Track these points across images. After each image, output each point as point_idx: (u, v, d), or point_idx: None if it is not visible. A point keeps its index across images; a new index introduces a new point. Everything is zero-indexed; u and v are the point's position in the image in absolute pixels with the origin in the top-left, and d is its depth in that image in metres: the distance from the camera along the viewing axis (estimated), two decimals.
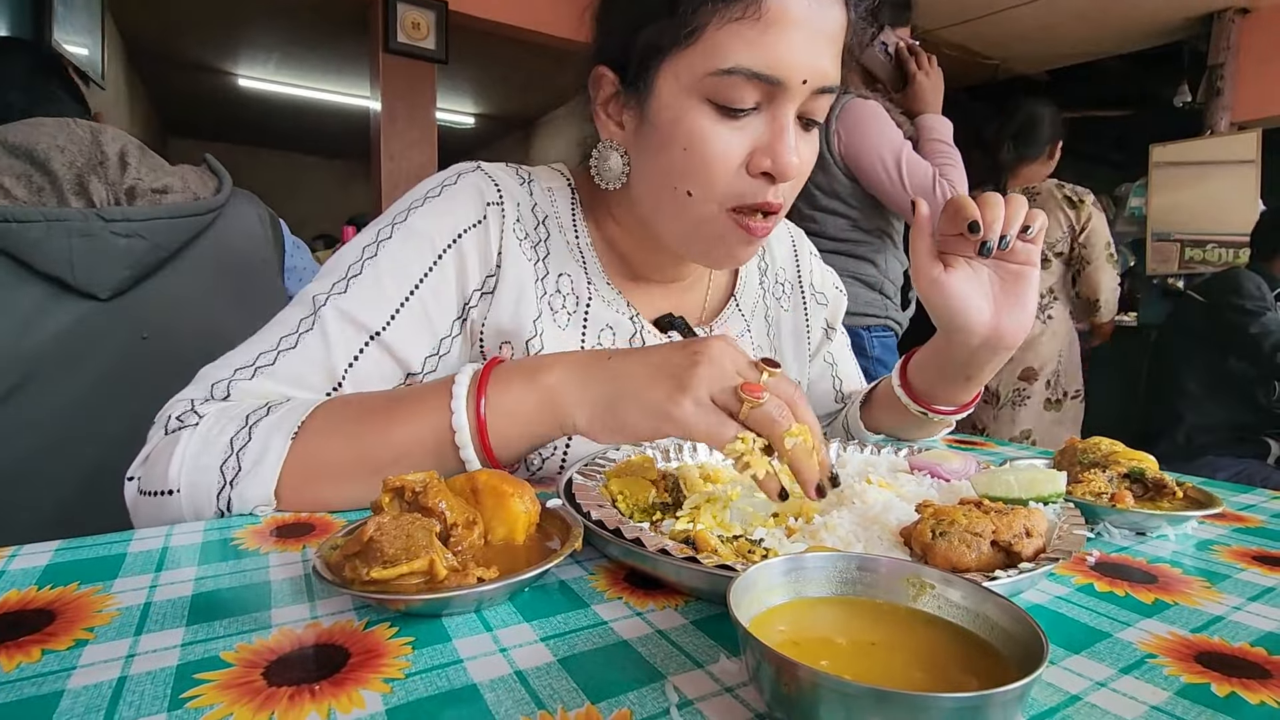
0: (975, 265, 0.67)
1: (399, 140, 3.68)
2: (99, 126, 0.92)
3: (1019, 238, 0.64)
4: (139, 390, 0.90)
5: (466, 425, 0.52)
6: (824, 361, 0.94)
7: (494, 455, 0.54)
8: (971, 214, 0.62)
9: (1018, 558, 0.40)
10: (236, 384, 0.58)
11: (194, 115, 6.91)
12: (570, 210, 0.74)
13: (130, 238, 0.88)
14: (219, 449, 0.52)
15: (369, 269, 0.63)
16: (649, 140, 0.63)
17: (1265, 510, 0.63)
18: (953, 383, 0.75)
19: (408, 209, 0.67)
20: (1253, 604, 0.42)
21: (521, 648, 0.34)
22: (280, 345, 0.60)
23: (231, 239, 1.04)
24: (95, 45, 3.28)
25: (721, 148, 0.59)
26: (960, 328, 0.68)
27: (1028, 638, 0.28)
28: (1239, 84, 3.86)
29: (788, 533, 0.47)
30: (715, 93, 0.58)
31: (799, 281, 0.92)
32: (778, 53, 0.56)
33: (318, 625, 0.35)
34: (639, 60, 0.62)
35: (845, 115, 1.62)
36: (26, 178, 0.85)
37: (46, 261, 0.83)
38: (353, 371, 0.61)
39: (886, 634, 0.31)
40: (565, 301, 0.71)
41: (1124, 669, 0.34)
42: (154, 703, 0.29)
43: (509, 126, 7.44)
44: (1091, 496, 0.56)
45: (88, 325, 0.87)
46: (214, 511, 0.52)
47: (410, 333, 0.63)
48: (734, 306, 0.83)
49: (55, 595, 0.38)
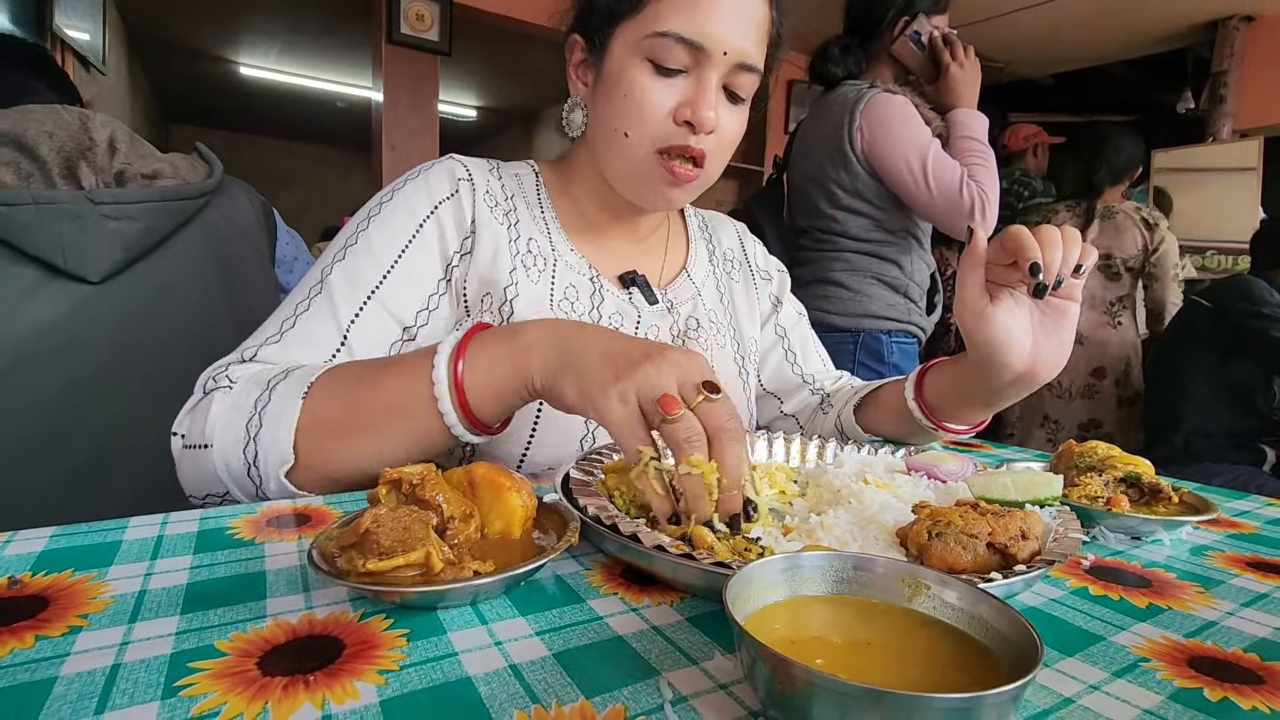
0: (1018, 297, 0.66)
1: (400, 132, 3.66)
2: (87, 113, 0.92)
3: (1072, 275, 0.63)
4: (129, 377, 0.91)
5: (445, 379, 0.55)
6: (775, 334, 0.99)
7: (471, 412, 0.56)
8: (1033, 255, 0.61)
9: (1013, 560, 0.40)
10: (264, 349, 0.66)
11: (195, 102, 6.87)
12: (535, 190, 0.84)
13: (120, 220, 0.88)
14: (245, 409, 0.58)
15: (362, 239, 0.72)
16: (601, 91, 0.74)
17: (1260, 517, 0.63)
18: (973, 407, 0.75)
19: (392, 191, 0.76)
20: (1246, 609, 0.42)
21: (517, 641, 0.34)
22: (296, 311, 0.68)
23: (223, 225, 1.04)
24: (97, 30, 3.26)
25: (654, 97, 0.70)
26: (999, 363, 0.66)
27: (1022, 640, 0.28)
28: (1242, 91, 3.86)
29: (784, 531, 0.47)
30: (652, 52, 0.69)
31: (745, 261, 1.00)
32: (704, 25, 0.68)
33: (312, 616, 0.35)
34: (599, 26, 0.74)
35: (869, 111, 1.52)
36: (15, 164, 0.85)
37: (36, 245, 0.83)
38: (355, 326, 0.68)
39: (882, 634, 0.31)
40: (535, 260, 0.78)
41: (1117, 672, 0.34)
42: (148, 690, 0.28)
43: (511, 120, 7.42)
44: (1087, 500, 0.56)
45: (79, 310, 0.87)
46: (241, 464, 0.57)
47: (401, 289, 0.71)
48: (685, 275, 0.90)
49: (50, 582, 0.38)
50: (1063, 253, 0.62)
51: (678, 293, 0.87)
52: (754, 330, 0.96)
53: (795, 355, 0.98)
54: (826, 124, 1.60)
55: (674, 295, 0.87)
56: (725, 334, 0.90)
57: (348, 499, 0.55)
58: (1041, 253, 0.61)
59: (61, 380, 0.86)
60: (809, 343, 1.01)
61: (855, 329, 1.63)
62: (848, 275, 1.63)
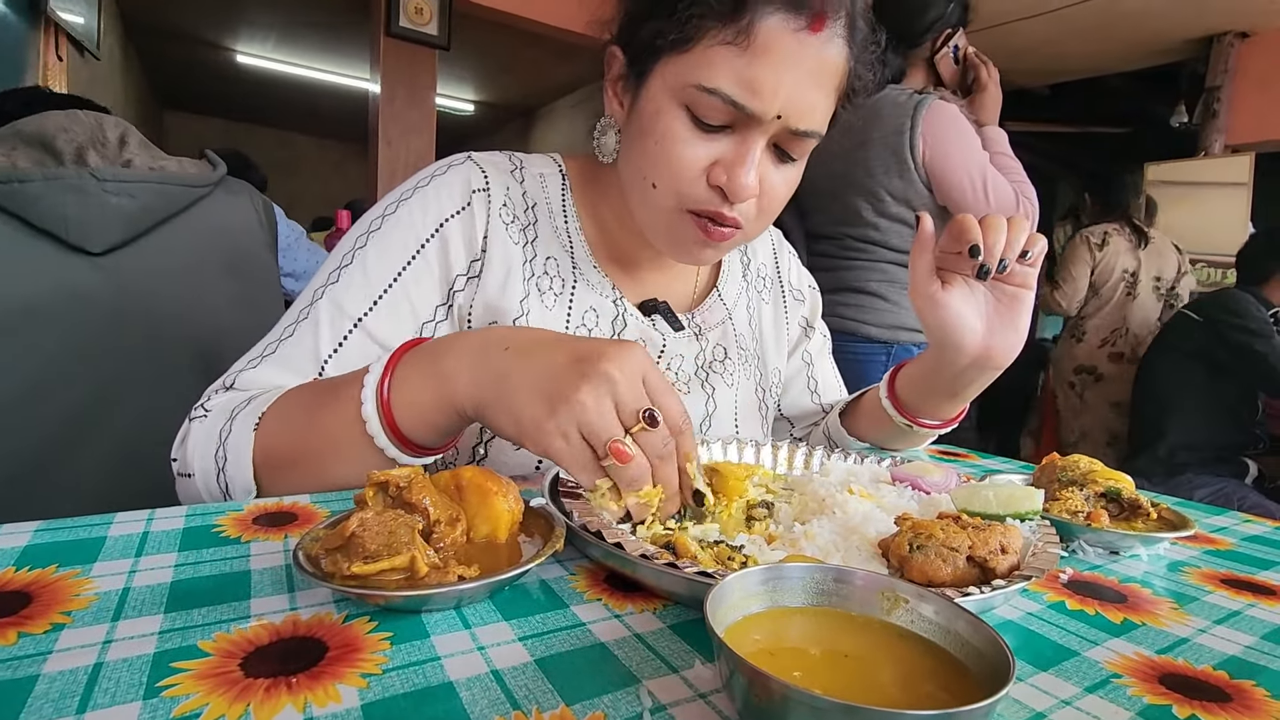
0: (973, 285, 0.68)
1: (398, 125, 3.65)
2: (103, 116, 0.98)
3: (1018, 261, 0.64)
4: (120, 346, 0.96)
5: (375, 415, 0.52)
6: (801, 360, 0.95)
7: (408, 442, 0.53)
8: (973, 237, 0.63)
9: (992, 574, 0.41)
10: (243, 374, 0.63)
11: (189, 89, 6.82)
12: (561, 195, 0.77)
13: (121, 197, 0.93)
14: (213, 440, 0.57)
15: (358, 259, 0.67)
16: (634, 125, 0.66)
17: (1237, 533, 0.64)
18: (939, 397, 0.76)
19: (398, 200, 0.70)
20: (1218, 627, 0.43)
21: (499, 647, 0.34)
22: (282, 335, 0.65)
23: (223, 218, 1.07)
24: (92, 14, 3.23)
25: (688, 152, 0.62)
26: (952, 345, 0.69)
27: (996, 657, 0.28)
28: (1235, 107, 3.90)
29: (768, 540, 0.48)
30: (694, 103, 0.60)
31: (778, 278, 0.94)
32: (756, 84, 0.58)
33: (296, 617, 0.35)
34: (640, 51, 0.65)
35: (930, 119, 1.49)
36: (38, 162, 0.91)
37: (44, 218, 0.88)
38: (337, 357, 0.64)
39: (860, 647, 0.32)
40: (552, 283, 0.72)
41: (1089, 688, 0.34)
42: (130, 690, 0.29)
43: (509, 115, 7.41)
44: (1068, 515, 0.57)
45: (79, 279, 0.92)
46: (219, 491, 0.57)
47: (391, 318, 0.66)
48: (716, 295, 0.85)
49: (33, 577, 0.38)
50: (1006, 238, 0.64)
51: (707, 316, 0.82)
52: (779, 360, 0.91)
53: (817, 383, 0.96)
54: (879, 127, 1.54)
55: (703, 319, 0.82)
56: (751, 363, 0.86)
57: (335, 498, 0.55)
58: (983, 237, 0.63)
59: (63, 340, 0.91)
60: (830, 372, 0.99)
61: (890, 341, 1.61)
62: (885, 286, 1.61)
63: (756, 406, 0.86)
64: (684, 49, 0.61)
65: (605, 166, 0.74)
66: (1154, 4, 3.66)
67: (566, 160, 0.80)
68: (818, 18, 0.58)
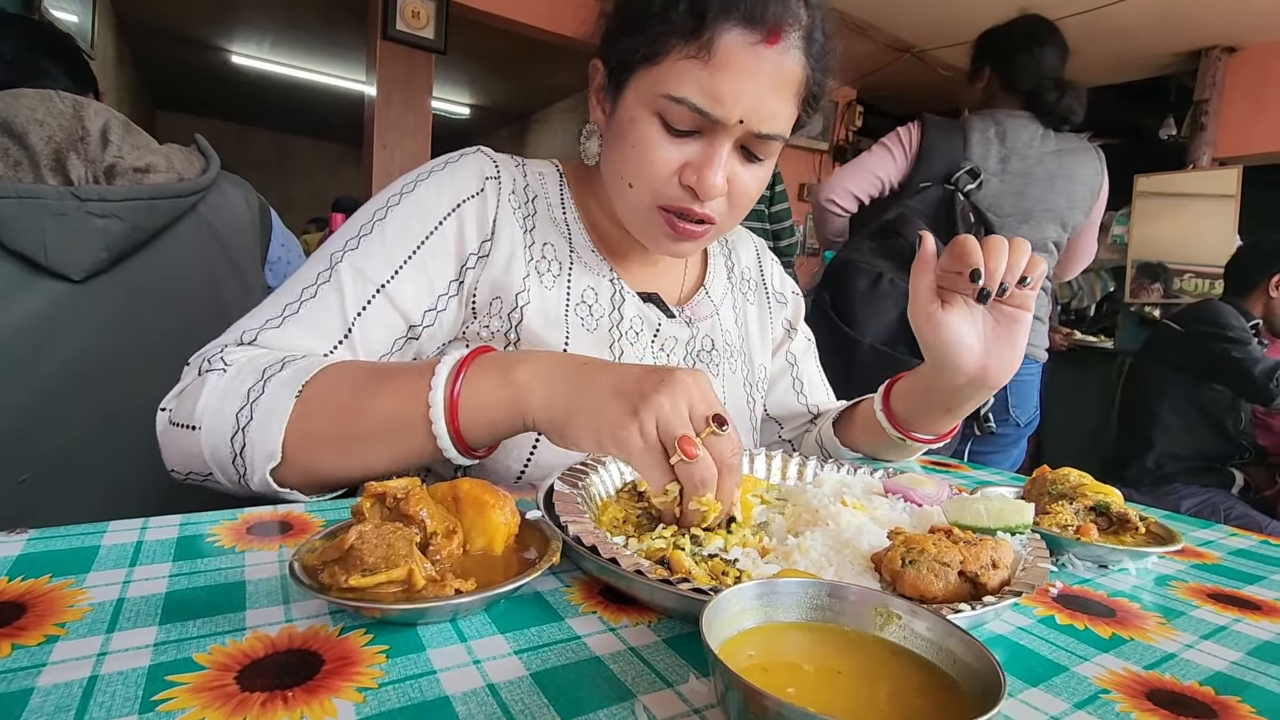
0: (972, 304, 0.70)
1: (393, 128, 3.65)
2: (83, 100, 0.89)
3: (1016, 286, 0.65)
4: (106, 383, 0.88)
5: (441, 403, 0.54)
6: (785, 360, 0.98)
7: (463, 439, 0.56)
8: (975, 261, 0.65)
9: (984, 589, 0.41)
10: (265, 332, 0.63)
11: (184, 90, 6.80)
12: (559, 191, 0.82)
13: (106, 218, 0.86)
14: (237, 396, 0.57)
15: (378, 229, 0.70)
16: (613, 131, 0.72)
17: (1223, 547, 0.65)
18: (933, 413, 0.77)
19: (415, 181, 0.73)
20: (1204, 642, 0.43)
21: (495, 660, 0.34)
22: (302, 296, 0.66)
23: (215, 224, 1.01)
24: (86, 14, 3.22)
25: (660, 155, 0.67)
26: (949, 364, 0.70)
27: (987, 674, 0.29)
28: (1222, 121, 3.95)
29: (761, 553, 0.48)
30: (664, 111, 0.66)
31: (762, 281, 0.98)
32: (718, 94, 0.63)
33: (292, 629, 0.35)
34: (617, 65, 0.70)
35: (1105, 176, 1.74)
36: (3, 150, 0.83)
37: (17, 240, 0.80)
38: (361, 320, 0.67)
39: (853, 662, 0.32)
40: (550, 266, 0.77)
41: (1078, 704, 0.35)
42: (125, 704, 0.29)
43: (504, 120, 7.41)
44: (1058, 528, 0.57)
45: (58, 309, 0.85)
46: (228, 452, 0.56)
47: (411, 287, 0.69)
48: (704, 293, 0.89)
49: (27, 587, 0.38)
50: (1007, 262, 0.65)
51: (696, 310, 0.87)
52: (765, 357, 0.95)
53: (802, 384, 0.98)
54: (1079, 166, 1.71)
55: (692, 312, 0.86)
56: (738, 358, 0.89)
57: (330, 508, 0.55)
58: (985, 260, 0.65)
59: (32, 383, 0.83)
60: (815, 373, 1.01)
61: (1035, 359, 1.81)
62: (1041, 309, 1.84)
63: (744, 400, 0.89)
64: (654, 63, 0.66)
65: (595, 173, 0.80)
66: (1142, 19, 3.71)
67: (563, 163, 0.86)
68: (773, 32, 0.63)
